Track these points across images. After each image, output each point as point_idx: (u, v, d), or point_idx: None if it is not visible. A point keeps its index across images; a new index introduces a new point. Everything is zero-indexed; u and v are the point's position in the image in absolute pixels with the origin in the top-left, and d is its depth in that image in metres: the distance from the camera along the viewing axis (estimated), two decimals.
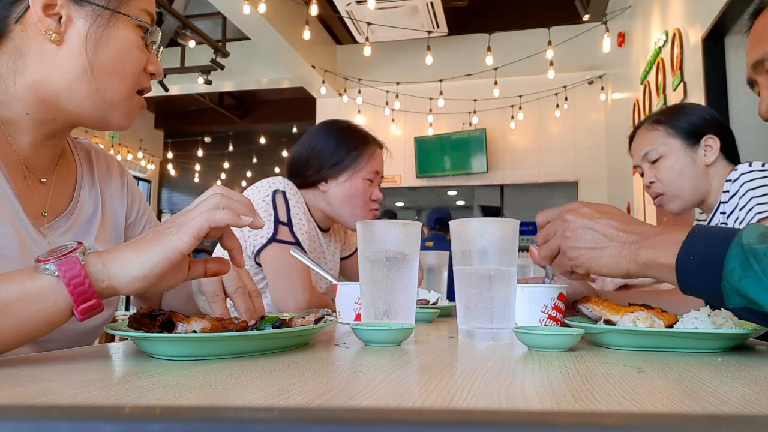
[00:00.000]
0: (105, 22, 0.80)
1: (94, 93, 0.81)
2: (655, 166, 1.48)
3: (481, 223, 0.86)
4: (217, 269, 0.77)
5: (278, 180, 1.59)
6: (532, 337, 0.72)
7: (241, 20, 5.41)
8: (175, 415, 0.23)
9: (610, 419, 0.22)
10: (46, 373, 0.53)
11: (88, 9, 0.79)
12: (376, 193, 1.69)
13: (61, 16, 0.78)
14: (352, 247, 1.88)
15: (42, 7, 0.76)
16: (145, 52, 0.85)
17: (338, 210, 1.65)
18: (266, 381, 0.51)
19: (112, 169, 1.02)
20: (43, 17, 0.77)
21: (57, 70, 0.79)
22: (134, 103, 0.87)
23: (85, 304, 0.62)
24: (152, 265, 0.65)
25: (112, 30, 0.81)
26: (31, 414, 0.23)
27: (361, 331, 0.77)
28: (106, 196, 0.98)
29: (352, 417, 0.22)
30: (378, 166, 1.69)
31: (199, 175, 10.15)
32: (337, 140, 1.65)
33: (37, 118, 0.82)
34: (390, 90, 7.07)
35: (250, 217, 0.71)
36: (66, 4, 0.78)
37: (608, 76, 6.54)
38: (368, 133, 1.72)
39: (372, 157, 1.67)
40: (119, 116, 0.85)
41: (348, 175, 1.63)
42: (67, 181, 0.92)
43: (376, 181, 1.69)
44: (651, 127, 1.51)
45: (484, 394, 0.46)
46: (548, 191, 7.31)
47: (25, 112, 0.81)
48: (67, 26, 0.78)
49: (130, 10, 0.82)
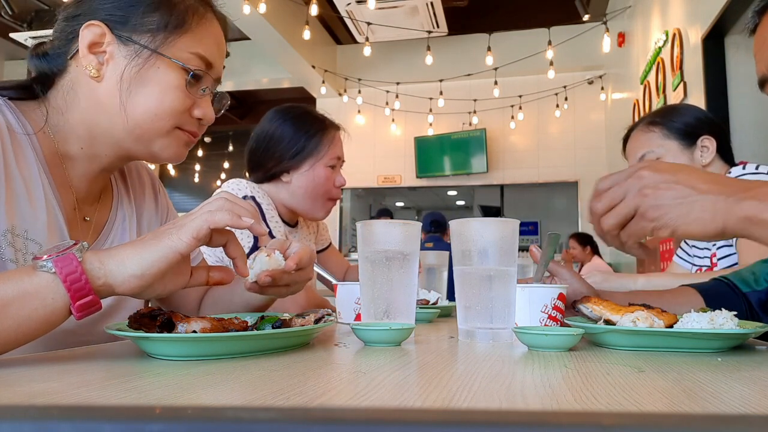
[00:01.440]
0: (143, 62, 0.80)
1: (132, 129, 0.82)
2: None
3: (481, 223, 0.86)
4: (219, 278, 0.77)
5: (242, 184, 1.53)
6: (532, 337, 0.72)
7: (241, 20, 5.40)
8: (175, 415, 0.23)
9: (610, 419, 0.22)
10: (46, 373, 0.53)
11: (131, 48, 0.81)
12: (340, 179, 1.62)
13: (105, 53, 0.80)
14: (326, 242, 1.84)
15: (88, 44, 0.79)
16: (189, 96, 0.84)
17: (301, 201, 1.58)
18: (266, 381, 0.51)
19: (144, 181, 1.03)
20: (87, 54, 0.79)
21: (99, 106, 0.81)
22: (176, 138, 0.86)
23: (81, 300, 0.61)
24: (149, 264, 0.65)
25: (150, 70, 0.81)
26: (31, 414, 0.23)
27: (361, 331, 0.77)
28: (142, 214, 1.00)
29: (352, 417, 0.22)
30: (339, 151, 1.62)
31: (199, 175, 10.14)
32: (294, 128, 1.58)
33: (90, 153, 0.85)
34: (390, 90, 7.07)
35: (251, 219, 0.71)
36: (112, 41, 0.80)
37: (608, 76, 6.54)
38: (325, 117, 1.65)
39: (332, 142, 1.60)
40: (164, 150, 0.86)
41: (310, 163, 1.56)
42: (105, 208, 0.94)
43: (339, 167, 1.63)
44: (646, 129, 1.50)
45: (484, 394, 0.46)
46: (548, 191, 7.31)
47: (79, 147, 0.84)
48: (109, 63, 0.80)
49: (175, 51, 0.82)
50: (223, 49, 0.89)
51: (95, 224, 0.90)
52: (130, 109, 0.81)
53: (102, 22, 0.80)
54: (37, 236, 0.77)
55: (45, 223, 0.78)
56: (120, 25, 0.81)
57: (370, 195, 8.18)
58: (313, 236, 1.77)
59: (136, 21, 0.81)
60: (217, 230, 0.73)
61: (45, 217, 0.78)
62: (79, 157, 0.85)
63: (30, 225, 0.77)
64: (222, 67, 0.90)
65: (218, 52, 0.87)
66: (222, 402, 0.43)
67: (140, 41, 0.80)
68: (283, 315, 0.79)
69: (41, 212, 0.78)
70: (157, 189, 1.05)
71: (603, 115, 6.80)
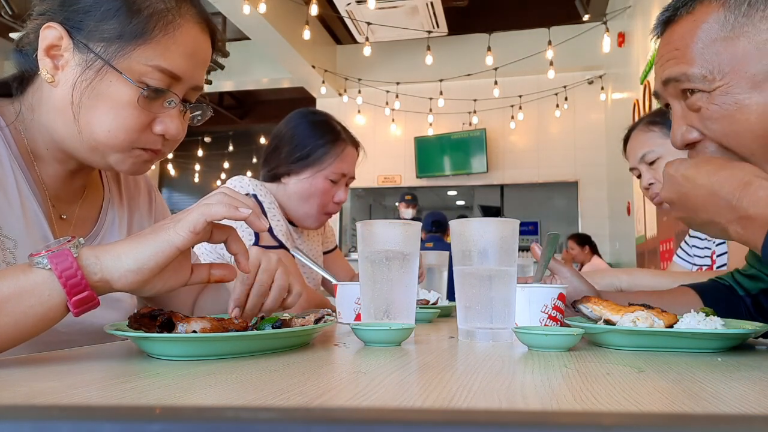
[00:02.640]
0: (94, 74, 0.75)
1: (85, 140, 0.77)
2: (653, 167, 1.48)
3: (481, 223, 0.86)
4: (221, 275, 0.75)
5: (245, 181, 1.50)
6: (532, 337, 0.72)
7: (241, 20, 5.41)
8: (175, 415, 0.23)
9: (610, 419, 0.22)
10: (46, 373, 0.53)
11: (84, 57, 0.75)
12: (340, 195, 1.56)
13: (63, 56, 0.76)
14: (331, 244, 1.82)
15: (45, 47, 0.75)
16: (147, 112, 0.77)
17: (294, 207, 1.54)
18: (266, 381, 0.51)
19: (139, 185, 1.02)
20: (43, 57, 0.75)
21: (56, 112, 0.78)
22: (134, 156, 0.80)
23: (78, 296, 0.61)
24: (146, 258, 0.64)
25: (102, 83, 0.75)
26: (31, 414, 0.23)
27: (361, 331, 0.77)
28: (134, 217, 0.98)
29: (352, 417, 0.22)
30: (346, 168, 1.56)
31: (199, 175, 10.15)
32: (306, 133, 1.53)
33: (54, 155, 0.82)
34: (390, 90, 7.07)
35: (249, 210, 0.69)
36: (69, 47, 0.75)
37: (608, 76, 6.54)
38: (343, 130, 1.59)
39: (340, 157, 1.54)
40: (121, 166, 0.81)
41: (311, 172, 1.52)
42: (93, 206, 0.92)
43: (342, 183, 1.57)
44: (646, 129, 1.51)
45: (484, 394, 0.46)
46: (548, 191, 7.32)
47: (45, 148, 0.82)
48: (63, 69, 0.76)
49: (130, 64, 0.75)
50: (202, 55, 0.82)
51: (76, 223, 0.88)
52: (82, 122, 0.76)
53: (60, 24, 0.75)
54: (11, 232, 0.76)
55: (21, 217, 0.77)
56: (77, 30, 0.75)
57: (370, 195, 8.19)
58: (320, 237, 1.74)
59: (91, 27, 0.75)
60: (218, 226, 0.72)
61: (20, 212, 0.77)
62: (47, 158, 0.82)
63: (4, 221, 0.75)
64: (202, 75, 0.83)
65: (192, 61, 0.79)
66: (222, 402, 0.43)
67: (95, 50, 0.75)
68: (283, 315, 0.79)
69: (16, 207, 0.77)
70: (152, 196, 1.03)
71: (603, 115, 6.80)
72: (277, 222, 1.48)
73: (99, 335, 0.80)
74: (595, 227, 6.49)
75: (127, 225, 0.96)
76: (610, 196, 6.54)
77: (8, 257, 0.75)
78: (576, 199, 6.94)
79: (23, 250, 0.76)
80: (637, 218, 4.93)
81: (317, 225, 1.60)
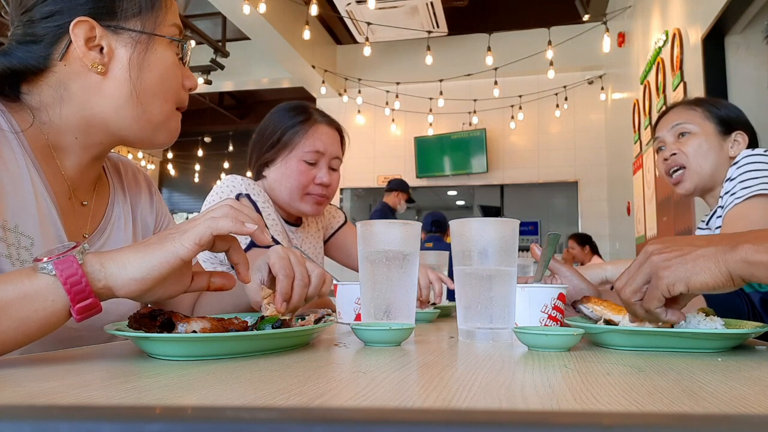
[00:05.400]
0: (144, 47, 0.82)
1: (141, 115, 0.84)
2: (681, 141, 1.50)
3: (481, 223, 0.86)
4: (221, 284, 0.76)
5: (237, 181, 1.46)
6: (532, 337, 0.72)
7: (241, 20, 5.41)
8: (175, 415, 0.23)
9: (610, 419, 0.22)
10: (46, 373, 0.53)
11: (126, 37, 0.81)
12: (321, 176, 1.49)
13: (102, 47, 0.80)
14: (337, 223, 1.75)
15: (84, 41, 0.79)
16: (181, 68, 0.87)
17: (279, 197, 1.50)
18: (266, 381, 0.51)
19: (139, 181, 1.04)
20: (87, 51, 0.79)
21: (105, 98, 0.82)
22: (176, 121, 0.90)
23: (81, 303, 0.61)
24: (150, 268, 0.65)
25: (152, 53, 0.83)
26: (31, 414, 0.23)
27: (361, 331, 0.77)
28: (137, 211, 1.00)
29: (352, 417, 0.22)
30: (320, 145, 1.49)
31: (199, 175, 10.15)
32: (278, 119, 1.51)
33: (84, 142, 0.85)
34: (390, 90, 7.07)
35: (255, 226, 0.70)
36: (105, 35, 0.80)
37: (608, 76, 6.54)
38: (314, 111, 1.54)
39: (309, 134, 1.48)
40: (163, 135, 0.88)
41: (283, 155, 1.48)
42: (102, 199, 0.94)
43: (322, 164, 1.51)
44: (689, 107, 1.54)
45: (484, 394, 0.46)
46: (548, 191, 7.32)
47: (74, 137, 0.84)
48: (110, 56, 0.81)
49: (164, 29, 0.84)
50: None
51: (94, 210, 0.90)
52: (142, 95, 0.82)
53: (88, 16, 0.78)
54: (27, 229, 0.77)
55: (35, 215, 0.78)
56: (106, 16, 0.80)
57: (370, 195, 8.18)
58: (321, 232, 1.71)
59: (120, 9, 0.81)
60: (220, 236, 0.73)
61: (35, 209, 0.78)
62: (73, 147, 0.84)
63: (20, 219, 0.76)
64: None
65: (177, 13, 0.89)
66: (222, 402, 0.43)
67: (134, 27, 0.81)
68: (283, 315, 0.79)
69: (31, 204, 0.78)
70: (152, 192, 1.05)
71: (603, 115, 6.80)
72: (272, 221, 1.46)
73: (105, 332, 0.81)
74: (595, 227, 6.49)
75: (132, 220, 0.97)
76: (610, 196, 6.54)
77: (25, 255, 0.76)
78: (576, 199, 6.93)
79: (39, 247, 0.77)
80: (637, 218, 4.93)
81: (310, 211, 1.53)
